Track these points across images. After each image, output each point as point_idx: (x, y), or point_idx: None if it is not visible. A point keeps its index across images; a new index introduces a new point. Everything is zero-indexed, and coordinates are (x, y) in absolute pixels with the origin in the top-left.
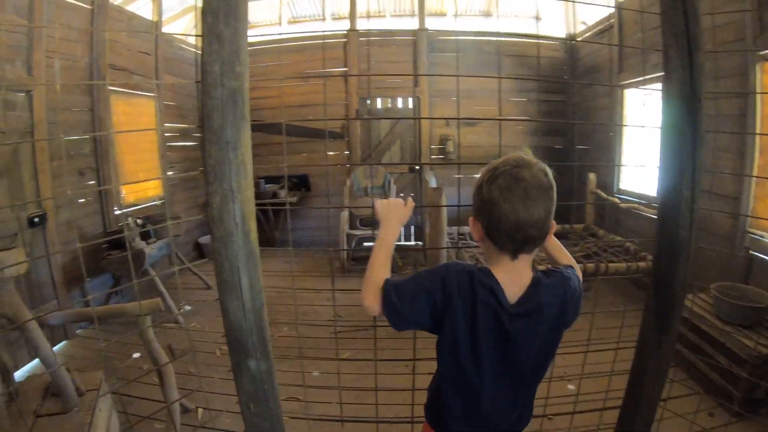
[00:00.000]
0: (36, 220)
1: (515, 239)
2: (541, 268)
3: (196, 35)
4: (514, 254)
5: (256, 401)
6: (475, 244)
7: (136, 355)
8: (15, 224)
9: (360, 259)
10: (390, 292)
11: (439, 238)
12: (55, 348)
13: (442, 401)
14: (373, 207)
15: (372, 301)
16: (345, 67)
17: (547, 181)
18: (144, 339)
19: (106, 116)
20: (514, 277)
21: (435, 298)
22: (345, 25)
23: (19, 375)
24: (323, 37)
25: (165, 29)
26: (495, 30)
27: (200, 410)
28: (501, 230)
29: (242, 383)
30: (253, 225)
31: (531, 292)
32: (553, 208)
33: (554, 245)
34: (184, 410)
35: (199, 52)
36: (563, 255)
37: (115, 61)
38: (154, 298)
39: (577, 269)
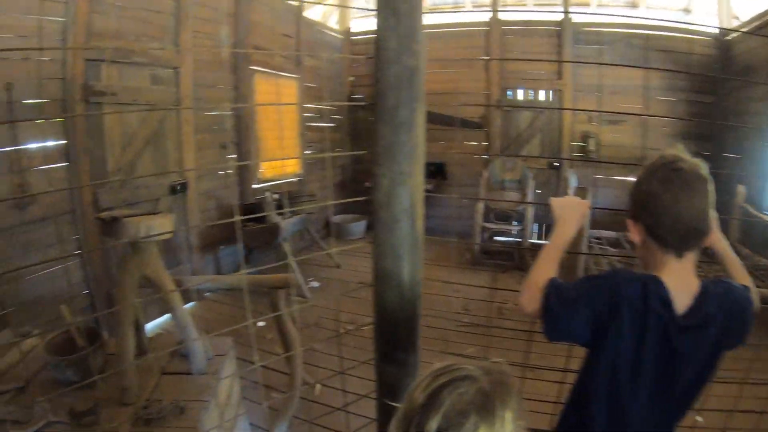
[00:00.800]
0: (178, 188)
1: (679, 232)
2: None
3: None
4: (679, 251)
5: (395, 393)
6: (613, 251)
7: (260, 323)
8: (158, 190)
9: (491, 253)
10: (551, 293)
11: (578, 241)
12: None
13: (583, 419)
14: (549, 204)
15: (530, 300)
16: (486, 56)
17: (705, 173)
18: (274, 310)
19: (249, 94)
20: (681, 283)
21: (599, 308)
22: (484, 15)
23: (148, 328)
24: (465, 25)
25: (306, 14)
26: (642, 22)
27: (318, 386)
28: (664, 224)
29: (385, 373)
30: (420, 212)
31: (700, 300)
32: (713, 201)
33: (730, 260)
34: (303, 383)
35: (339, 36)
36: (739, 272)
37: (259, 42)
38: (289, 273)
39: (754, 292)
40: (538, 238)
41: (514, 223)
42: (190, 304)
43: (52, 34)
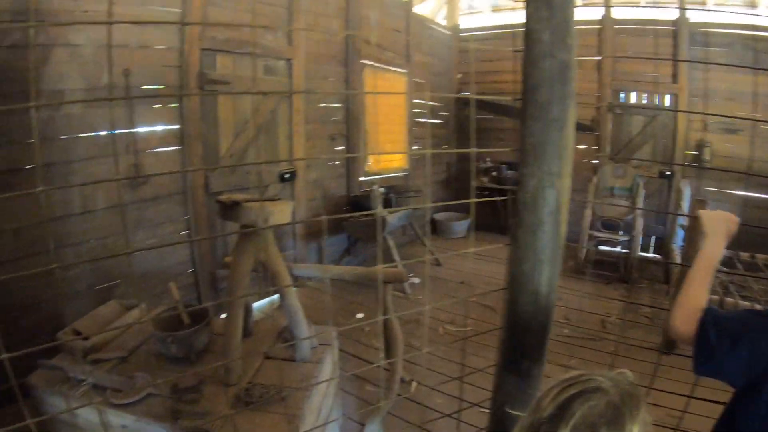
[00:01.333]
0: (287, 176)
1: None
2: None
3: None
4: None
5: (515, 404)
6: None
7: (359, 315)
8: (268, 177)
9: (596, 263)
10: (708, 324)
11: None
12: (276, 296)
13: None
14: (696, 218)
15: (684, 325)
16: (598, 55)
17: None
18: (382, 305)
19: (359, 88)
20: None
21: (763, 350)
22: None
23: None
24: (577, 23)
25: (415, 9)
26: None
27: (414, 384)
28: None
29: (506, 382)
30: (565, 216)
31: None
32: None
33: None
34: (400, 380)
35: (447, 32)
36: None
37: (369, 37)
38: (397, 268)
39: None
40: (651, 251)
41: (621, 233)
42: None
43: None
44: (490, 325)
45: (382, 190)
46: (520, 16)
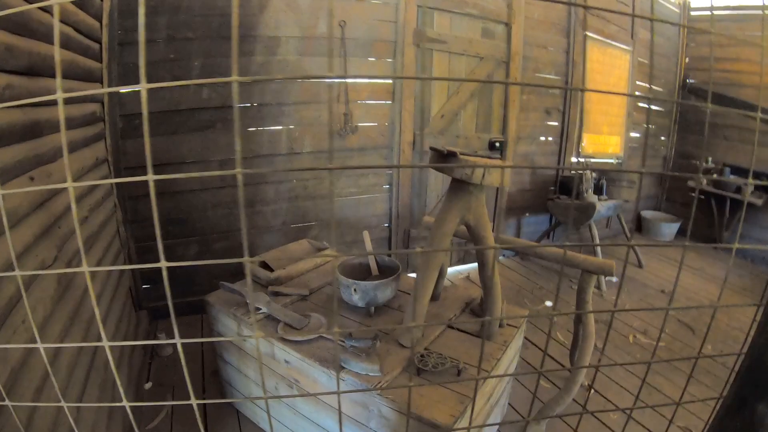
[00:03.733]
0: (497, 144)
1: None
2: None
3: None
4: None
5: None
6: None
7: (548, 303)
8: (476, 143)
9: None
10: None
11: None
12: (466, 267)
13: None
14: None
15: None
16: None
17: None
18: (580, 297)
19: (581, 60)
20: None
21: None
22: None
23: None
24: None
25: None
26: None
27: (591, 391)
28: None
29: (727, 426)
30: None
31: None
32: None
33: None
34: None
35: (676, 9)
36: None
37: (594, 6)
38: (608, 260)
39: None
40: None
41: None
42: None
43: None
44: (683, 345)
45: (594, 174)
46: None
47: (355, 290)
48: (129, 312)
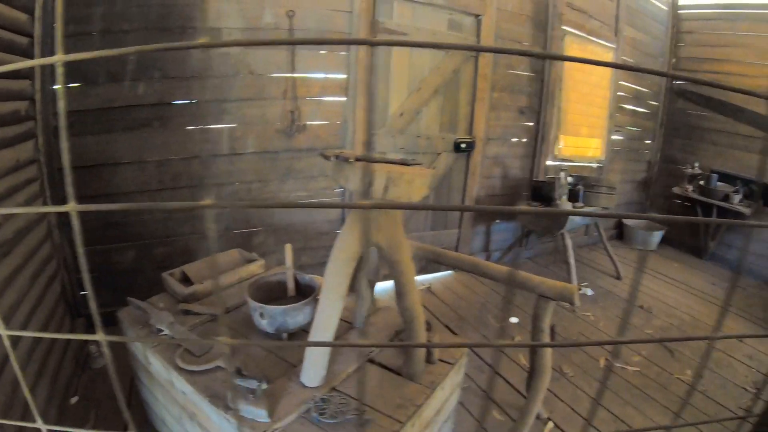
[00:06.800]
0: (463, 146)
1: None
2: None
3: None
4: None
5: None
6: None
7: (513, 319)
8: (440, 144)
9: None
10: None
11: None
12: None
13: None
14: None
15: None
16: None
17: None
18: (535, 326)
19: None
20: None
21: None
22: None
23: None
24: None
25: None
26: None
27: (550, 424)
28: None
29: None
30: None
31: None
32: None
33: None
34: (537, 416)
35: (664, 7)
36: None
37: (575, 2)
38: (570, 284)
39: None
40: None
41: None
42: (448, 272)
43: None
44: (660, 370)
45: (570, 179)
46: None
47: (261, 315)
48: (61, 319)
